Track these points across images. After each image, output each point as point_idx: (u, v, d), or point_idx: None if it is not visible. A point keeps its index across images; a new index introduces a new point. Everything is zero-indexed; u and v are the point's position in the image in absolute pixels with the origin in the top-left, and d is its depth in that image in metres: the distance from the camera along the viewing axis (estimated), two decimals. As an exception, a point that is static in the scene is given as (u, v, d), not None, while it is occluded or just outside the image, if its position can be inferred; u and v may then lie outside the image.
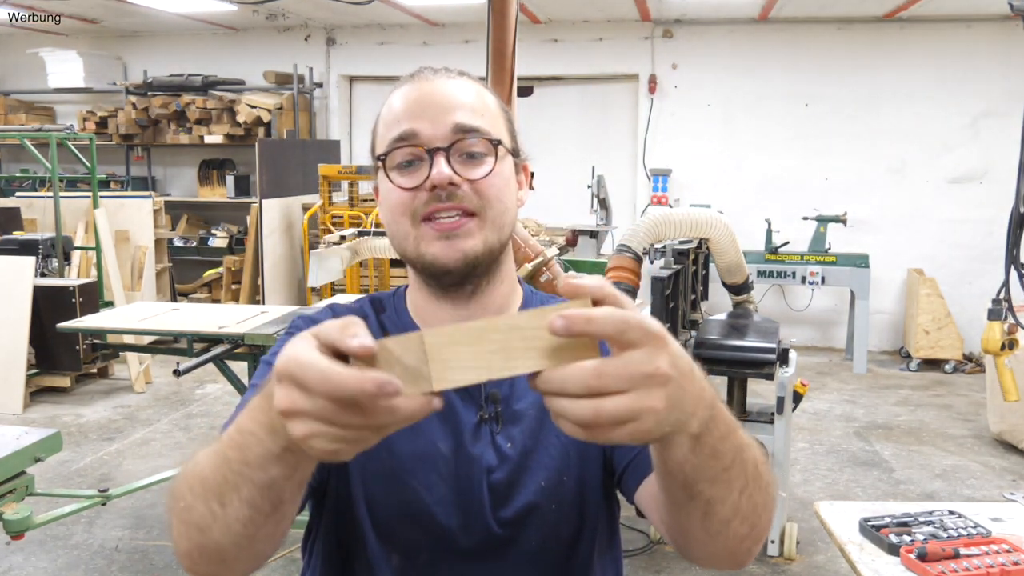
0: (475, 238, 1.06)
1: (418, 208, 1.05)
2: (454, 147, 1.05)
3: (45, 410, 5.75)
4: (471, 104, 1.08)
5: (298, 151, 7.62)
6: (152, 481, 3.76)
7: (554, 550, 1.11)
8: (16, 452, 2.82)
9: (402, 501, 1.09)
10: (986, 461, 5.01)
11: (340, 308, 1.23)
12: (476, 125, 1.06)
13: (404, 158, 1.06)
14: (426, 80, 1.10)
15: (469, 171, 1.05)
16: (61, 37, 8.88)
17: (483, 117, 1.08)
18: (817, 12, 7.21)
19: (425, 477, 1.09)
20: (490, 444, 1.11)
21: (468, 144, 1.06)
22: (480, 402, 1.12)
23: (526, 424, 1.12)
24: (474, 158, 1.06)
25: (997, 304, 2.93)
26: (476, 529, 1.09)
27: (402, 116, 1.07)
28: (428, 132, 1.05)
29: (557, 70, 8.04)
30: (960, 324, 7.01)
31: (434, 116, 1.06)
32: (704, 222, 3.83)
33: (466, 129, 1.06)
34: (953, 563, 1.74)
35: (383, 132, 1.10)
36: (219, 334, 3.70)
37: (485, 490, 1.09)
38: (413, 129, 1.05)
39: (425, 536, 1.09)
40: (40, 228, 7.04)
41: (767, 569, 3.67)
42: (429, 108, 1.06)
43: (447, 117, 1.06)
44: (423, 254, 1.07)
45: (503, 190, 1.09)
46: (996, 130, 7.17)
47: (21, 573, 3.59)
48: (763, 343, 3.76)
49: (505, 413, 1.12)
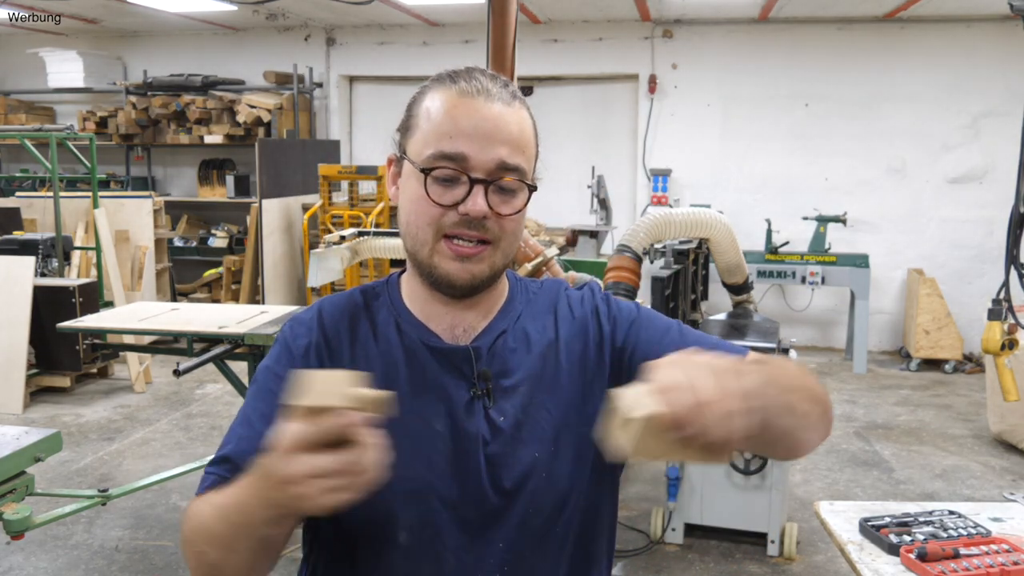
0: (485, 263, 1.14)
1: (444, 225, 1.12)
2: (494, 182, 1.11)
3: (45, 410, 5.75)
4: (517, 140, 1.13)
5: (298, 151, 7.62)
6: (152, 481, 3.76)
7: (547, 518, 1.16)
8: (16, 452, 2.82)
9: (404, 478, 1.11)
10: (986, 461, 5.01)
11: (329, 305, 1.26)
12: (517, 164, 1.12)
13: (445, 176, 1.11)
14: (484, 102, 1.12)
15: (501, 205, 1.13)
16: (61, 37, 8.89)
17: (523, 154, 1.14)
18: (817, 12, 7.21)
19: (425, 455, 1.15)
20: (484, 418, 1.16)
21: (507, 181, 1.12)
22: (472, 380, 1.17)
23: (516, 399, 1.18)
24: (507, 193, 1.13)
25: (997, 304, 2.93)
26: (475, 500, 1.14)
27: (455, 133, 1.11)
28: (476, 159, 1.10)
29: (557, 70, 8.05)
30: (960, 324, 7.01)
31: (483, 146, 1.10)
32: (704, 222, 3.83)
33: (509, 167, 1.12)
34: (953, 563, 1.74)
35: (430, 134, 1.13)
36: (219, 334, 3.70)
37: (482, 462, 1.15)
38: (463, 152, 1.10)
39: (429, 512, 1.14)
40: (40, 228, 7.04)
41: (767, 569, 3.67)
42: (481, 136, 1.10)
43: (496, 151, 1.11)
44: (436, 266, 1.14)
45: (520, 223, 1.18)
46: (996, 130, 7.18)
47: (21, 573, 3.59)
48: (763, 343, 3.76)
49: (496, 389, 1.17)
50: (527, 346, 1.21)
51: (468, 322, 1.21)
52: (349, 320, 1.22)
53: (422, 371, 1.17)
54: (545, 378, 1.20)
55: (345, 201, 7.19)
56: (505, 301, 1.25)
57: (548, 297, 1.28)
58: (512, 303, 1.25)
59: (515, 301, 1.25)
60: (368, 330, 1.21)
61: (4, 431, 2.98)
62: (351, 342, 1.20)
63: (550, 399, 1.19)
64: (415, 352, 1.18)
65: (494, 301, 1.23)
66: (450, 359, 1.18)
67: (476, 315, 1.21)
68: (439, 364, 1.18)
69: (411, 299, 1.23)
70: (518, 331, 1.22)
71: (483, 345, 1.19)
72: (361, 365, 1.18)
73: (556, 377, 1.20)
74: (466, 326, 1.21)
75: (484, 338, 1.20)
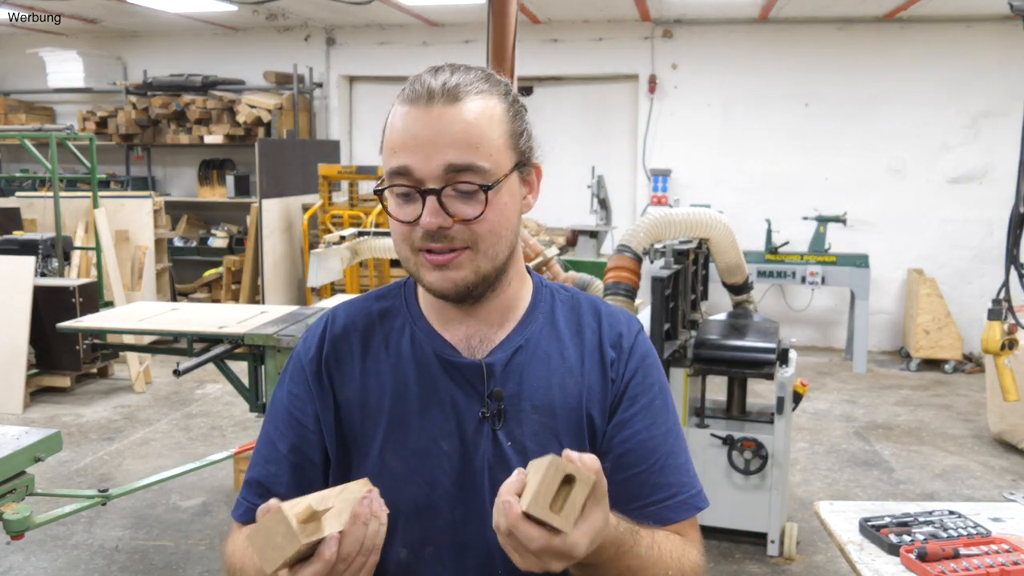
0: (466, 269, 1.09)
1: (415, 240, 1.09)
2: (446, 187, 1.05)
3: (45, 410, 5.75)
4: (466, 138, 1.05)
5: (298, 151, 7.62)
6: (152, 481, 3.75)
7: None
8: (16, 452, 2.82)
9: (409, 498, 1.12)
10: (986, 461, 5.01)
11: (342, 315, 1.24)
12: (469, 163, 1.05)
13: (401, 192, 1.08)
14: (423, 107, 1.06)
15: (463, 209, 1.06)
16: (61, 37, 8.89)
17: (478, 149, 1.05)
18: (817, 12, 7.20)
19: (430, 474, 1.13)
20: (491, 441, 1.13)
21: (461, 184, 1.05)
22: (484, 399, 1.14)
23: (528, 427, 1.14)
24: (468, 195, 1.06)
25: (997, 304, 2.93)
26: (478, 522, 1.12)
27: (399, 147, 1.07)
28: (421, 170, 1.05)
29: (557, 70, 8.05)
30: (960, 324, 7.01)
31: (427, 154, 1.04)
32: (704, 222, 3.83)
33: (459, 168, 1.05)
34: (953, 563, 1.74)
35: (386, 151, 1.10)
36: (219, 334, 3.70)
37: (486, 485, 1.12)
38: (407, 165, 1.05)
39: (431, 531, 1.13)
40: (40, 228, 7.05)
41: (767, 569, 3.67)
42: (423, 144, 1.05)
43: (440, 156, 1.04)
44: (422, 278, 1.12)
45: (497, 222, 1.09)
46: (996, 130, 7.18)
47: (21, 573, 3.59)
48: (763, 343, 3.76)
49: (509, 410, 1.14)
50: (547, 369, 1.16)
51: (484, 332, 1.17)
52: (362, 330, 1.21)
53: (433, 386, 1.15)
54: (561, 411, 1.15)
55: (345, 201, 7.19)
56: (527, 310, 1.20)
57: (579, 315, 1.22)
58: (533, 314, 1.20)
59: (536, 311, 1.20)
60: (381, 341, 1.20)
61: (4, 431, 2.98)
62: (362, 355, 1.19)
63: (563, 428, 1.15)
64: (427, 366, 1.16)
65: (510, 308, 1.19)
66: (463, 374, 1.15)
67: (492, 324, 1.18)
68: (451, 379, 1.15)
69: (427, 305, 1.21)
70: (538, 349, 1.17)
71: (497, 361, 1.15)
72: (371, 379, 1.18)
73: (574, 413, 1.16)
74: (482, 336, 1.17)
75: (499, 353, 1.16)
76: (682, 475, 1.17)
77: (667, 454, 1.16)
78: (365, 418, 1.16)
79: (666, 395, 1.22)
